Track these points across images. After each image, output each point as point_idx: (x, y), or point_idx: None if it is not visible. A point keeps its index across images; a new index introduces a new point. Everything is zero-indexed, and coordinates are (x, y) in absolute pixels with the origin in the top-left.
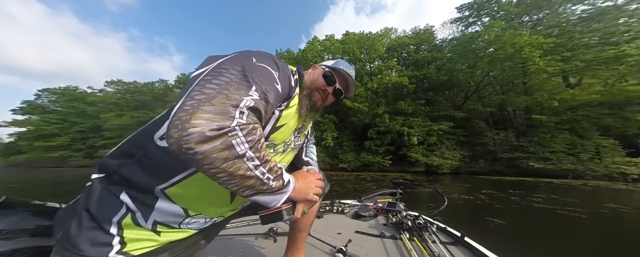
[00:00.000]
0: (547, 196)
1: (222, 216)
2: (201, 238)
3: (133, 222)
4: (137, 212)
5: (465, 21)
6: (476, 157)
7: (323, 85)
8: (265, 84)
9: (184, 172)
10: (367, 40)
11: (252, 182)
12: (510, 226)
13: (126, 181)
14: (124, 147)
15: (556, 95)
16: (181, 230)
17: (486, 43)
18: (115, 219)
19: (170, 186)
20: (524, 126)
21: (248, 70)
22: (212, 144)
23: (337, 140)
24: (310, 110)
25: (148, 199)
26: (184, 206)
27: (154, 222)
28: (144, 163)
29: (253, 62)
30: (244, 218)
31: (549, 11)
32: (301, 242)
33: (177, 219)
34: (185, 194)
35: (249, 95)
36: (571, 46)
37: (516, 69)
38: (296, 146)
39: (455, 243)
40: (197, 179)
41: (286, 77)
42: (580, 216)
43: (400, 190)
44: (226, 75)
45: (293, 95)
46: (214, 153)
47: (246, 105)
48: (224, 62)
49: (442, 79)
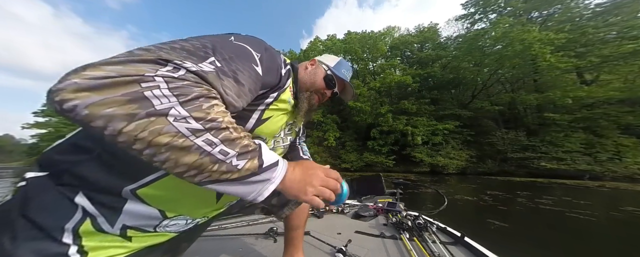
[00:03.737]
0: (557, 198)
1: (207, 216)
2: (183, 241)
3: (94, 228)
4: (99, 217)
5: (471, 18)
6: (484, 157)
7: (322, 88)
8: (236, 63)
9: (160, 170)
10: (369, 39)
11: (196, 158)
12: (510, 228)
13: (82, 180)
14: (77, 139)
15: (570, 92)
16: (158, 234)
17: (493, 40)
18: (69, 226)
19: (142, 186)
20: (536, 125)
21: (214, 44)
22: (103, 94)
23: (340, 140)
24: (309, 111)
25: (113, 202)
26: (161, 207)
27: (123, 227)
28: (106, 160)
29: (229, 41)
30: (244, 218)
31: (560, 6)
32: (298, 241)
33: (152, 222)
34: (161, 195)
35: (197, 65)
36: (585, 41)
37: (526, 66)
38: (287, 142)
39: (455, 243)
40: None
41: (274, 63)
42: (590, 219)
43: (400, 190)
44: (179, 43)
45: (284, 87)
46: (110, 108)
47: (185, 66)
48: (193, 37)
49: (448, 78)
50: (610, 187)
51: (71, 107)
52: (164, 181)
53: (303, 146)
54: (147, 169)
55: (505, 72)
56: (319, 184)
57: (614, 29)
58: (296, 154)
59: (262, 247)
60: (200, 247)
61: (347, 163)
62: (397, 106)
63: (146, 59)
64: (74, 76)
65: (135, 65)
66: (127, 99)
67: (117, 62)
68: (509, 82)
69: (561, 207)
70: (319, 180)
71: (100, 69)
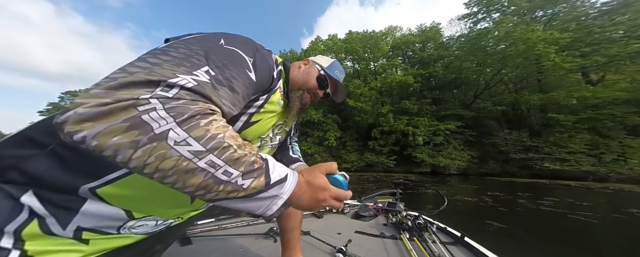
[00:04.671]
0: (559, 199)
1: (181, 218)
2: (155, 243)
3: (41, 230)
4: (49, 218)
5: (474, 17)
6: (486, 158)
7: (315, 88)
8: (230, 70)
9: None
10: (370, 39)
11: (201, 180)
12: (509, 229)
13: (31, 178)
14: (32, 132)
15: (574, 92)
16: (121, 236)
17: (496, 39)
18: (10, 228)
19: (104, 184)
20: (539, 125)
21: (206, 50)
22: (105, 123)
23: (340, 140)
24: (300, 111)
25: (68, 201)
26: (126, 207)
27: (77, 229)
28: (62, 155)
29: (219, 44)
30: (244, 218)
31: (565, 5)
32: (295, 241)
33: (115, 223)
34: (126, 193)
35: (191, 74)
36: (590, 41)
37: (529, 65)
38: (276, 142)
39: (455, 243)
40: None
41: (266, 66)
42: (591, 220)
43: (400, 190)
44: (171, 53)
45: (274, 89)
46: (116, 136)
47: (178, 83)
48: (181, 41)
49: (450, 77)
50: (615, 189)
51: (81, 138)
52: (129, 178)
53: (294, 145)
54: (110, 165)
55: (508, 72)
56: (329, 196)
57: (620, 28)
58: (286, 154)
59: (262, 247)
60: (200, 247)
61: (348, 163)
62: (399, 106)
63: (139, 81)
64: (74, 106)
65: (129, 88)
66: (128, 125)
67: (111, 87)
68: (512, 82)
69: (563, 209)
70: (326, 195)
71: (95, 96)
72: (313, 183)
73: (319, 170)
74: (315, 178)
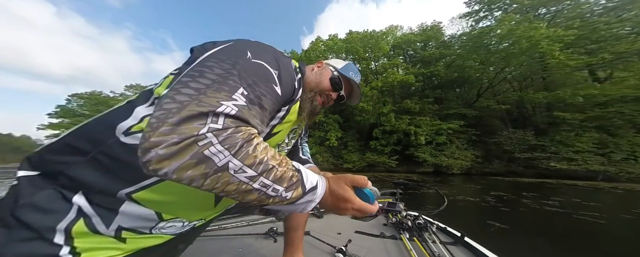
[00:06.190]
0: (565, 199)
1: (204, 219)
2: (179, 242)
3: (88, 229)
4: (95, 217)
5: (476, 16)
6: (490, 157)
7: (328, 90)
8: (260, 87)
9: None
10: (371, 38)
11: (256, 196)
12: (510, 230)
13: (79, 182)
14: (71, 140)
15: (581, 90)
16: (153, 236)
17: (499, 38)
18: (61, 226)
19: (139, 190)
20: (545, 124)
21: (238, 68)
22: (179, 160)
23: (342, 140)
24: (311, 114)
25: (109, 202)
26: (157, 210)
27: (118, 228)
28: (103, 163)
29: (247, 59)
30: (244, 218)
31: (569, 2)
32: (298, 241)
33: (148, 224)
34: (158, 198)
35: (231, 99)
36: (596, 38)
37: (534, 63)
38: (291, 146)
39: (455, 243)
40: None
41: (289, 77)
42: (598, 221)
43: (401, 190)
44: (208, 76)
45: (296, 99)
46: (189, 170)
47: (224, 112)
48: (211, 57)
49: (452, 76)
50: (624, 189)
51: (163, 174)
52: (161, 185)
53: (304, 146)
54: (145, 173)
55: (512, 71)
56: (351, 207)
57: (627, 25)
58: (296, 155)
59: (262, 247)
60: (200, 247)
61: (349, 163)
62: (400, 106)
63: (192, 115)
64: (152, 145)
65: (187, 123)
66: (195, 161)
67: (173, 123)
68: (516, 81)
69: (568, 209)
70: (348, 205)
71: (164, 134)
72: (336, 193)
73: (345, 180)
74: (339, 189)
